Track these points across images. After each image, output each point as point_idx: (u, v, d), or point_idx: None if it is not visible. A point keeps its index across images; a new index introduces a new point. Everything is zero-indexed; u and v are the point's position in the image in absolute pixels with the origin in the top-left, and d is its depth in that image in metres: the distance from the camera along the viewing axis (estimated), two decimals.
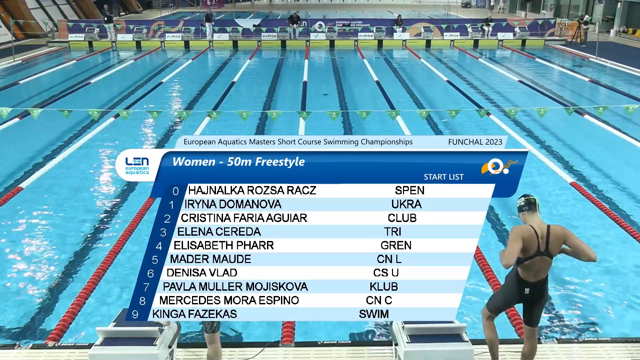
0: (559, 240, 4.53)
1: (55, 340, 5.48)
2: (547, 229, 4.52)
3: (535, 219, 4.58)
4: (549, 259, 4.55)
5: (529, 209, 4.61)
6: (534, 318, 4.74)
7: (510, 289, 4.68)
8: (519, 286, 4.61)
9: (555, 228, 4.55)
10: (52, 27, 30.58)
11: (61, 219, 8.88)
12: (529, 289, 4.59)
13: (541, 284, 4.62)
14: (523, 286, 4.59)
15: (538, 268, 4.55)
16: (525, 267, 4.55)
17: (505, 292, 4.74)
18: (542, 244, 4.49)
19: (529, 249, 4.48)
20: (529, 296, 4.62)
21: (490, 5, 52.54)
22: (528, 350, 4.86)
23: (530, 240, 4.47)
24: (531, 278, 4.57)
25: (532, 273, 4.56)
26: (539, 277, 4.59)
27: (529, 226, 4.53)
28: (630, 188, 10.07)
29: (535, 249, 4.48)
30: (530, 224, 4.55)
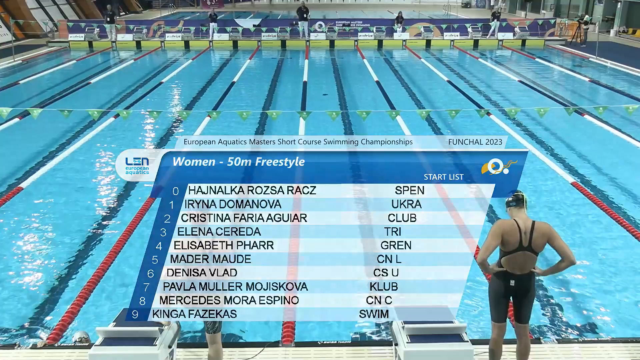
0: (543, 237, 4.58)
1: (55, 340, 5.48)
2: (531, 225, 4.58)
3: (522, 215, 4.64)
4: (533, 254, 4.60)
5: (516, 204, 4.66)
6: (524, 314, 4.77)
7: (496, 285, 4.71)
8: (504, 279, 4.65)
9: (541, 225, 4.61)
10: (52, 27, 30.57)
11: (61, 219, 8.88)
12: (514, 281, 4.63)
13: (527, 277, 4.67)
14: (508, 278, 4.64)
15: (522, 263, 4.60)
16: (508, 261, 4.60)
17: (492, 290, 4.77)
18: (525, 239, 4.55)
19: (510, 243, 4.54)
20: (515, 288, 4.65)
21: (490, 5, 52.52)
22: (522, 349, 4.88)
23: (511, 234, 4.53)
24: (516, 271, 4.62)
25: (516, 267, 4.61)
26: (523, 270, 4.64)
27: (512, 220, 4.60)
28: (631, 188, 10.07)
29: (517, 243, 4.54)
30: (515, 218, 4.61)
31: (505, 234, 4.53)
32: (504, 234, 4.53)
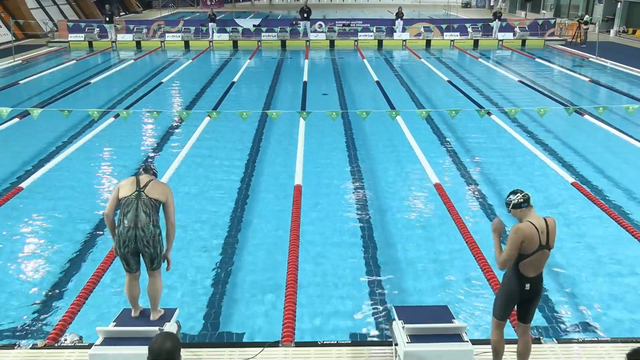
0: (554, 232, 4.60)
1: (55, 340, 5.48)
2: (545, 223, 4.56)
3: (533, 214, 4.61)
4: (548, 251, 4.59)
5: (527, 205, 4.62)
6: (530, 315, 4.76)
7: (511, 288, 4.65)
8: (519, 283, 4.59)
9: (551, 220, 4.62)
10: (52, 27, 30.58)
11: (61, 218, 8.88)
12: (529, 284, 4.59)
13: (540, 278, 4.65)
14: (524, 282, 4.58)
15: (538, 262, 4.57)
16: (527, 263, 4.55)
17: (506, 292, 4.70)
18: (544, 239, 4.52)
19: (532, 246, 4.49)
20: (529, 292, 4.61)
21: (490, 5, 52.51)
22: (523, 349, 4.87)
23: (532, 237, 4.48)
24: (531, 273, 4.58)
25: (532, 268, 4.57)
26: (537, 271, 4.61)
27: (529, 223, 4.54)
28: (631, 188, 10.06)
29: (537, 245, 4.50)
30: (529, 220, 4.56)
31: (526, 239, 4.46)
32: (525, 240, 4.46)
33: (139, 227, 4.78)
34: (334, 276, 7.16)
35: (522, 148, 12.04)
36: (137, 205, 4.84)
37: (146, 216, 4.83)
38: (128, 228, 4.80)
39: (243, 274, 7.23)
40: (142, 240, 4.81)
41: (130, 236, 4.80)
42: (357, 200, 9.58)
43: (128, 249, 4.86)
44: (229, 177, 10.69)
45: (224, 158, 11.80)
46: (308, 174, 10.28)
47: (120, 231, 4.84)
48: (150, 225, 4.83)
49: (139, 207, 4.84)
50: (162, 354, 3.27)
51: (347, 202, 9.52)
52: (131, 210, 4.83)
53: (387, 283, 7.02)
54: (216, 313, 6.42)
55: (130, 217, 4.81)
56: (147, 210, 4.84)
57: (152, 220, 4.85)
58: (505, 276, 4.75)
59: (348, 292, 6.83)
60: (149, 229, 4.80)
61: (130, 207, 4.85)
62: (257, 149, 12.44)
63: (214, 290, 6.87)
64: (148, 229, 4.80)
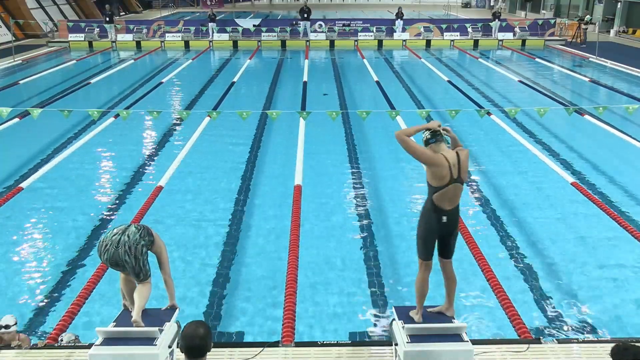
0: (466, 164, 4.66)
1: (55, 340, 5.47)
2: (457, 157, 4.62)
3: (443, 147, 4.65)
4: (461, 185, 4.66)
5: (435, 140, 4.65)
6: (450, 249, 4.81)
7: (429, 221, 4.67)
8: (437, 216, 4.63)
9: (462, 153, 4.68)
10: (52, 27, 30.58)
11: (61, 218, 8.88)
12: (446, 217, 4.63)
13: (456, 211, 4.70)
14: (440, 215, 4.63)
15: (452, 195, 4.63)
16: (441, 196, 4.59)
17: (425, 229, 4.71)
18: (455, 172, 4.58)
19: (443, 177, 4.54)
20: (447, 225, 4.65)
21: (490, 5, 52.50)
22: (449, 277, 4.90)
23: (442, 166, 4.53)
24: (447, 206, 4.63)
25: (447, 202, 4.62)
26: (453, 204, 4.66)
27: (440, 154, 4.59)
28: (631, 188, 10.06)
29: (449, 177, 4.56)
30: (442, 152, 4.61)
31: (435, 164, 4.52)
32: (434, 165, 4.52)
33: (125, 234, 4.65)
34: (334, 276, 7.17)
35: (522, 148, 12.04)
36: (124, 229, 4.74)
37: (137, 230, 4.72)
38: (114, 233, 4.66)
39: (243, 274, 7.23)
40: (123, 245, 4.58)
41: (113, 240, 4.61)
42: (357, 200, 9.58)
43: (107, 255, 4.61)
44: (229, 176, 10.69)
45: (224, 158, 11.80)
46: (308, 174, 10.28)
47: (105, 235, 4.71)
48: (137, 235, 4.67)
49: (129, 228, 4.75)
50: (196, 338, 3.36)
51: (347, 202, 9.52)
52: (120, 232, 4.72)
53: (387, 283, 7.03)
54: (216, 313, 6.43)
55: (120, 228, 4.73)
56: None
57: (141, 235, 4.70)
58: (421, 215, 4.76)
59: (348, 292, 6.83)
60: (134, 237, 4.65)
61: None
62: (257, 149, 12.45)
63: (214, 290, 6.87)
64: (134, 236, 4.64)
